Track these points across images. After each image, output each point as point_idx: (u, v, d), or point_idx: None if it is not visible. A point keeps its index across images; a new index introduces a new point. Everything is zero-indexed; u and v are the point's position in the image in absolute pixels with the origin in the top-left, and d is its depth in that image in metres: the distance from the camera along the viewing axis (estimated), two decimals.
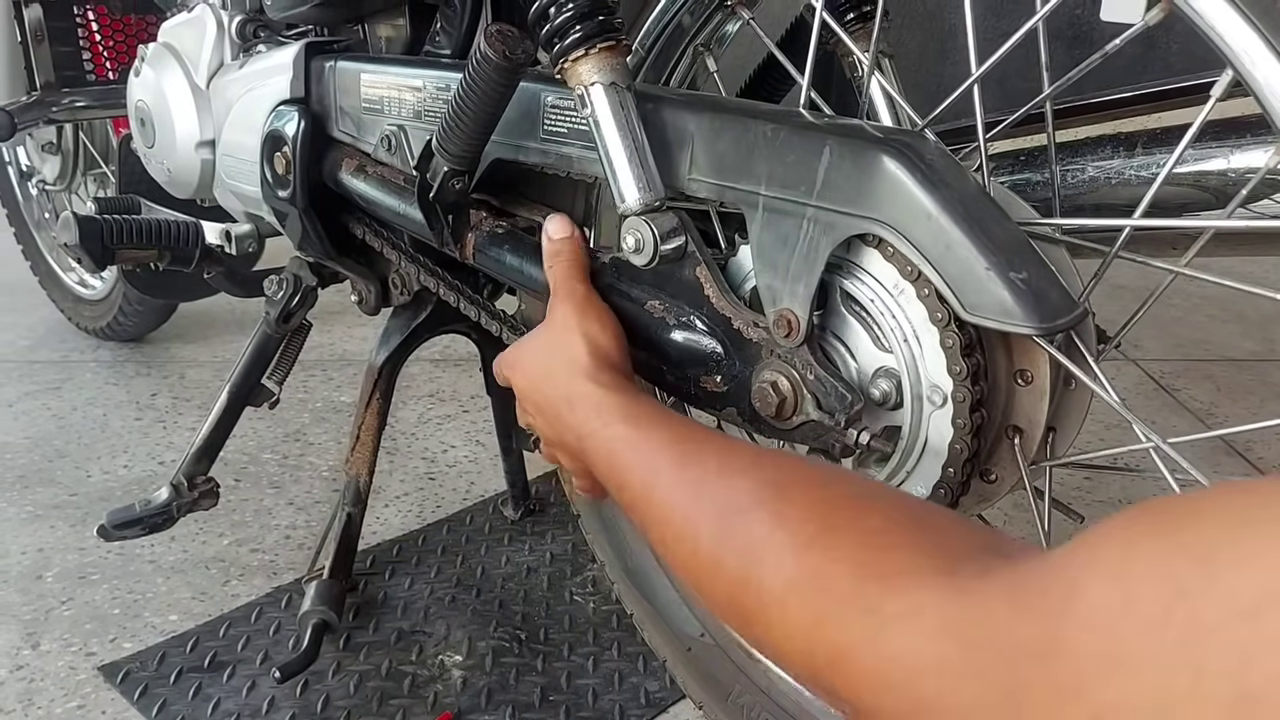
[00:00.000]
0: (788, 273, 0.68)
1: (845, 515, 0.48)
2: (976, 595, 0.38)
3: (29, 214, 2.12)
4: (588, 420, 0.66)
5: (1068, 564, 0.35)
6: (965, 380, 0.65)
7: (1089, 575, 0.34)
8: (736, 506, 0.52)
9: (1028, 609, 0.36)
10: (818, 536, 0.47)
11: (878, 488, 0.53)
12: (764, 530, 0.49)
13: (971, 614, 0.38)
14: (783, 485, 0.51)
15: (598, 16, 0.72)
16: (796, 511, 0.49)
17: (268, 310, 1.21)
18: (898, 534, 0.45)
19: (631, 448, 0.62)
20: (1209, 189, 0.86)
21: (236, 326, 2.16)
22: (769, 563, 0.48)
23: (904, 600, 0.41)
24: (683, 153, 0.73)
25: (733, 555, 0.50)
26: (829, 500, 0.50)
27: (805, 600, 0.45)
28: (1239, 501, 0.32)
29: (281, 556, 1.37)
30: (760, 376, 0.70)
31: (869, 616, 0.42)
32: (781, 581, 0.47)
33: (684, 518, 0.55)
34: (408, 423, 1.76)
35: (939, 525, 0.46)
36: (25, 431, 1.71)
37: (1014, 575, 0.38)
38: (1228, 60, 0.58)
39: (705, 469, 0.56)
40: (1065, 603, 0.34)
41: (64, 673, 1.15)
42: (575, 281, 0.76)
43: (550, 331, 0.73)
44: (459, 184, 0.87)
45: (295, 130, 1.04)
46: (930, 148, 0.64)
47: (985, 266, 0.59)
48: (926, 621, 0.39)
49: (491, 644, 1.20)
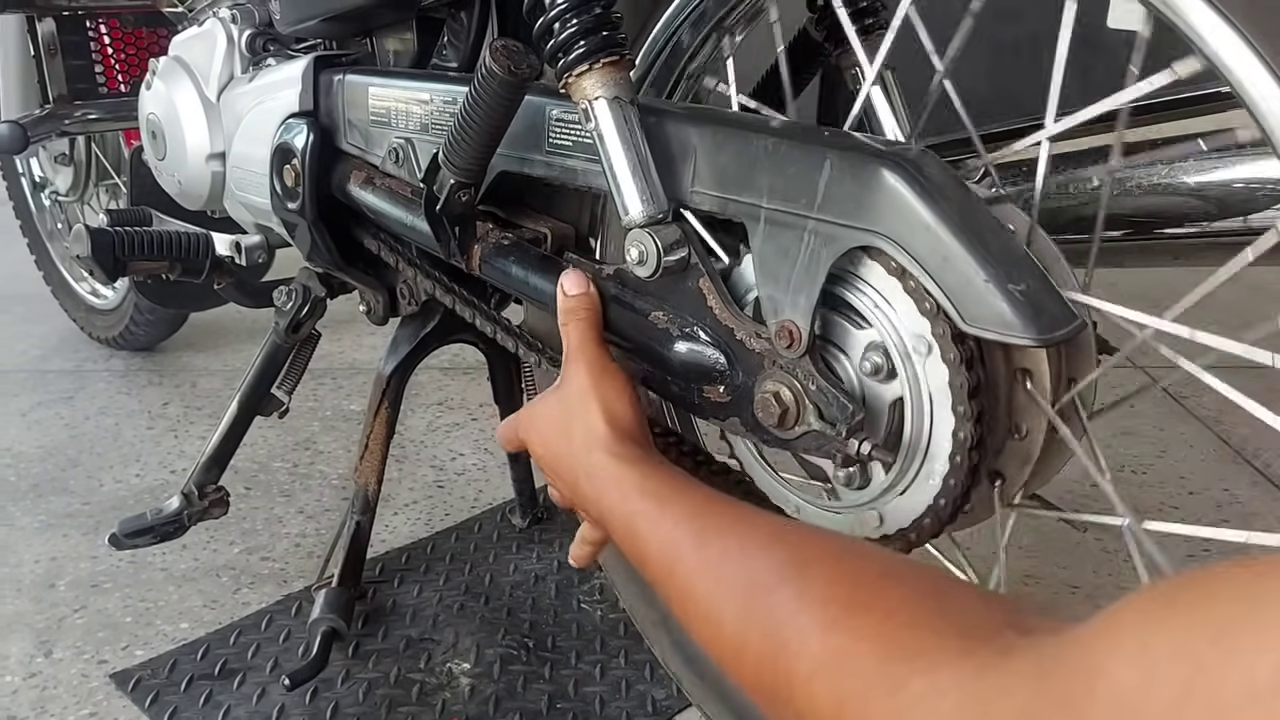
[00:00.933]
0: (789, 284, 0.68)
1: (867, 593, 0.49)
2: (999, 675, 0.39)
3: (42, 225, 2.14)
4: (606, 494, 0.66)
5: (1088, 644, 0.36)
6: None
7: (1109, 656, 0.34)
8: (759, 586, 0.52)
9: (1051, 691, 0.36)
10: (841, 618, 0.48)
11: (898, 562, 0.53)
12: (787, 612, 0.50)
13: (994, 695, 0.39)
14: (804, 563, 0.52)
15: (601, 32, 0.73)
16: (819, 591, 0.50)
17: (277, 320, 1.22)
18: (918, 611, 0.46)
19: (651, 523, 0.62)
20: (1210, 199, 0.86)
21: (247, 335, 2.18)
22: (793, 644, 0.49)
23: (926, 680, 0.42)
24: (685, 166, 0.74)
25: (757, 637, 0.51)
26: (851, 578, 0.50)
27: (830, 683, 0.46)
28: (1250, 579, 0.33)
29: (291, 564, 1.38)
30: (762, 387, 0.71)
31: (894, 698, 0.43)
32: (807, 663, 0.48)
33: (707, 597, 0.56)
34: (416, 431, 1.77)
35: (959, 601, 0.47)
36: (38, 440, 1.73)
37: (1036, 655, 0.39)
38: (1195, 48, 0.58)
39: (726, 546, 0.56)
40: (1088, 684, 0.34)
41: (76, 680, 1.16)
42: (591, 344, 0.75)
43: (566, 397, 0.73)
44: (465, 196, 0.87)
45: (304, 143, 1.06)
46: (930, 161, 0.64)
47: (984, 278, 0.60)
48: (949, 702, 0.40)
49: (499, 651, 1.21)
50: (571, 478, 0.71)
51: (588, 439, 0.69)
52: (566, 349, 0.76)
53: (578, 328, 0.77)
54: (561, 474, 0.73)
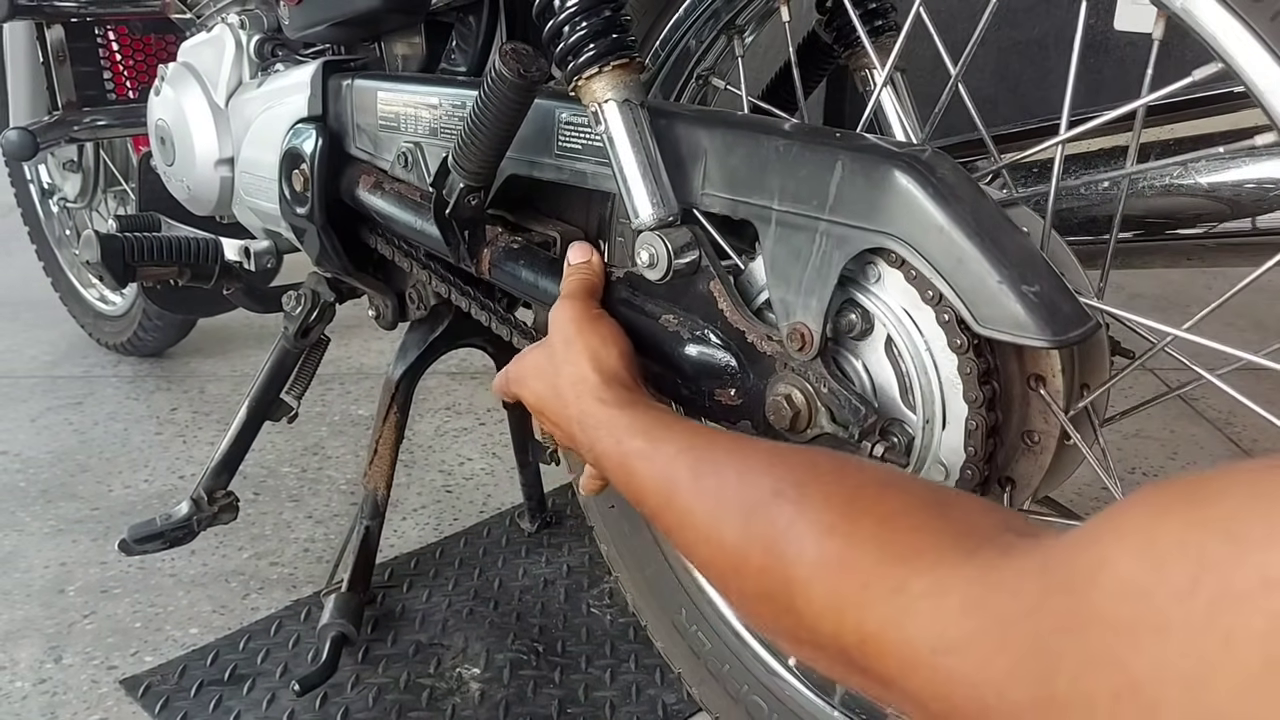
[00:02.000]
0: (801, 286, 0.68)
1: (864, 501, 0.48)
2: (1002, 571, 0.39)
3: (50, 231, 2.14)
4: (600, 439, 0.67)
5: (1094, 538, 0.35)
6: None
7: (1116, 548, 0.34)
8: (756, 503, 0.52)
9: (1056, 582, 0.36)
10: (838, 523, 0.47)
11: (895, 473, 0.54)
12: (785, 521, 0.50)
13: (998, 590, 0.38)
14: (800, 479, 0.52)
15: (611, 34, 0.73)
16: (816, 501, 0.50)
17: (286, 325, 1.22)
18: (918, 516, 0.46)
19: (646, 461, 0.62)
20: (1223, 200, 0.86)
21: (255, 341, 2.18)
22: (791, 551, 0.48)
23: (928, 579, 0.41)
24: (696, 168, 0.74)
25: (757, 550, 0.51)
26: (847, 488, 0.50)
27: (830, 585, 0.46)
28: (1259, 475, 0.32)
29: (300, 569, 1.38)
30: (774, 389, 0.71)
31: (895, 597, 0.42)
32: (805, 568, 0.47)
33: (706, 521, 0.56)
34: (424, 436, 1.77)
35: (959, 507, 0.46)
36: (47, 446, 1.73)
37: (1040, 552, 0.38)
38: (1215, 54, 0.58)
39: (721, 473, 0.56)
40: (1094, 575, 0.34)
41: (86, 686, 1.16)
42: (578, 296, 0.76)
43: (552, 348, 0.74)
44: (475, 200, 0.87)
45: (313, 148, 1.06)
46: (942, 162, 0.64)
47: (998, 280, 0.59)
48: (952, 599, 0.40)
49: (509, 656, 1.21)
50: (565, 425, 0.71)
51: (576, 387, 0.70)
52: (558, 299, 0.77)
53: (570, 279, 0.78)
54: (556, 422, 0.73)
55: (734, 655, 0.99)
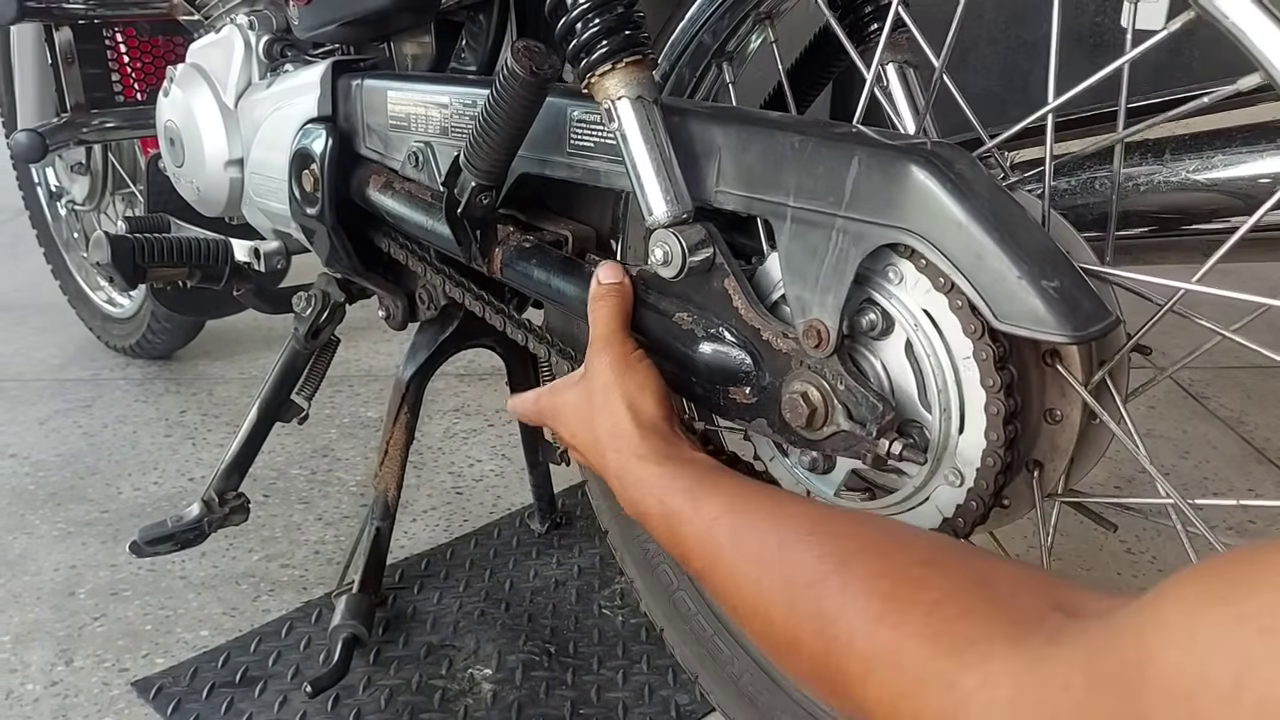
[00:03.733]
0: (817, 283, 0.68)
1: (909, 587, 0.49)
2: (1053, 665, 0.39)
3: (58, 234, 2.14)
4: (642, 499, 0.66)
5: (1136, 631, 0.36)
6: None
7: (1160, 643, 0.34)
8: (799, 582, 0.53)
9: (1103, 676, 0.36)
10: (887, 613, 0.48)
11: (938, 546, 0.53)
12: (833, 608, 0.50)
13: (1050, 687, 0.39)
14: (844, 556, 0.52)
15: (624, 31, 0.73)
16: (862, 585, 0.50)
17: (296, 326, 1.22)
18: (965, 600, 0.46)
19: (687, 524, 0.62)
20: (1239, 194, 0.85)
21: (263, 343, 2.18)
22: (842, 640, 0.49)
23: (979, 675, 0.42)
24: (710, 165, 0.74)
25: (808, 633, 0.51)
26: (892, 568, 0.50)
27: (884, 681, 0.46)
28: None
29: (311, 571, 1.38)
30: (790, 387, 0.70)
31: (948, 693, 0.43)
32: (859, 662, 0.48)
33: (753, 593, 0.56)
34: (433, 437, 1.77)
35: (1004, 585, 0.46)
36: (56, 449, 1.73)
37: (1086, 643, 0.39)
38: (1258, 63, 0.57)
39: (764, 542, 0.56)
40: (1140, 672, 0.35)
41: (98, 689, 1.16)
42: (617, 331, 0.74)
43: (590, 392, 0.72)
44: (486, 199, 0.87)
45: (323, 148, 1.05)
46: (960, 157, 0.64)
47: (1017, 275, 0.59)
48: (1003, 693, 0.40)
49: (521, 658, 1.20)
50: (602, 473, 0.71)
51: (614, 439, 0.69)
52: (592, 336, 0.75)
53: (605, 313, 0.76)
54: (591, 463, 0.73)
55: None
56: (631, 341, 0.75)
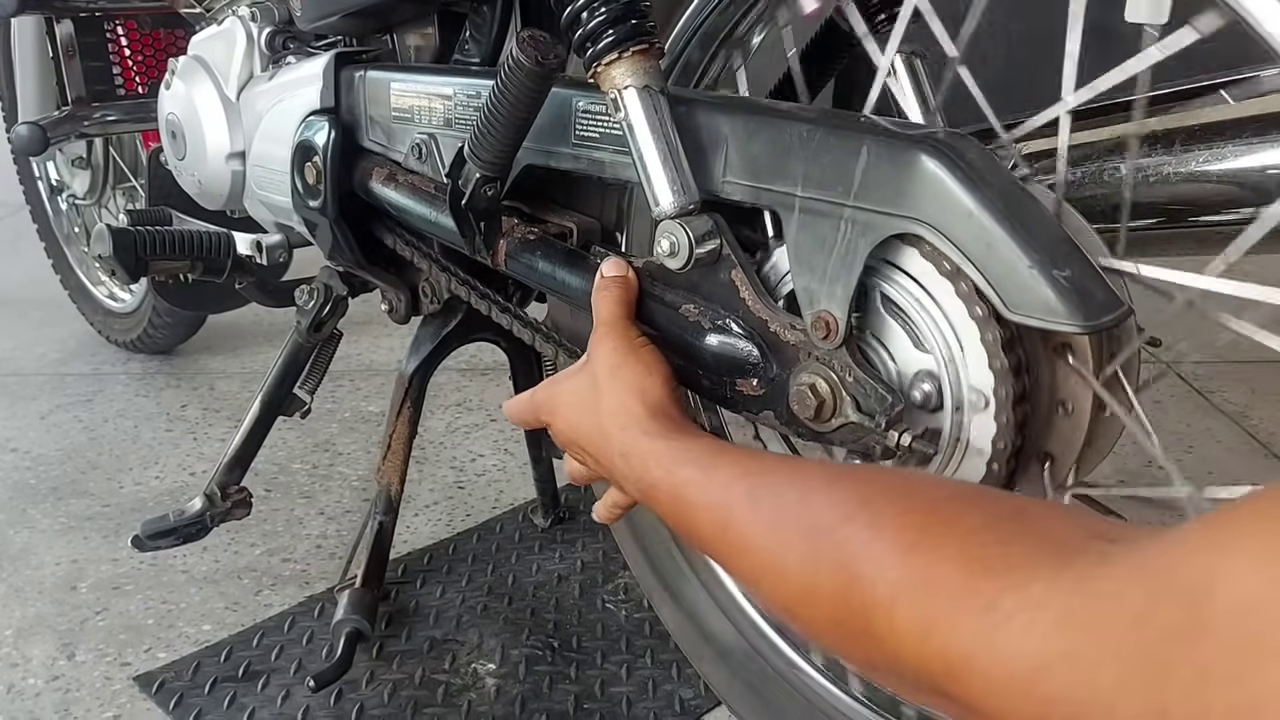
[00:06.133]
0: (825, 274, 0.67)
1: (943, 516, 0.46)
2: (1102, 580, 0.37)
3: (59, 228, 2.14)
4: (647, 472, 0.64)
5: (1202, 546, 0.34)
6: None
7: (1230, 561, 0.33)
8: (822, 527, 0.50)
9: (1163, 590, 0.34)
10: (919, 541, 0.45)
11: (969, 487, 0.51)
12: (858, 544, 0.47)
13: (1099, 599, 0.36)
14: (867, 498, 0.50)
15: (630, 20, 0.72)
16: (890, 520, 0.47)
17: (299, 320, 1.22)
18: (1003, 529, 0.44)
19: (699, 490, 0.60)
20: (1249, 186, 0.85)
21: (264, 338, 2.17)
22: (868, 573, 0.46)
23: (1021, 595, 0.39)
24: (717, 155, 0.73)
25: (827, 574, 0.49)
26: (921, 505, 0.48)
27: (915, 605, 0.43)
28: None
29: (313, 566, 1.38)
30: (798, 379, 0.70)
31: (986, 615, 0.40)
32: (886, 588, 0.45)
33: (767, 548, 0.54)
34: (435, 432, 1.76)
35: (1043, 518, 0.44)
36: (57, 444, 1.73)
37: (1139, 560, 0.37)
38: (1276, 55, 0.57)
39: (781, 497, 0.54)
40: (1207, 586, 0.33)
41: (99, 683, 1.15)
42: (619, 318, 0.74)
43: (592, 376, 0.71)
44: (491, 191, 0.86)
45: (325, 140, 1.05)
46: (970, 146, 0.63)
47: (1028, 264, 0.58)
48: (1048, 614, 0.38)
49: (524, 652, 1.20)
50: (605, 457, 0.69)
51: (620, 418, 0.67)
52: (596, 323, 0.75)
53: (608, 301, 0.75)
54: (592, 453, 0.71)
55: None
56: (634, 328, 0.74)
